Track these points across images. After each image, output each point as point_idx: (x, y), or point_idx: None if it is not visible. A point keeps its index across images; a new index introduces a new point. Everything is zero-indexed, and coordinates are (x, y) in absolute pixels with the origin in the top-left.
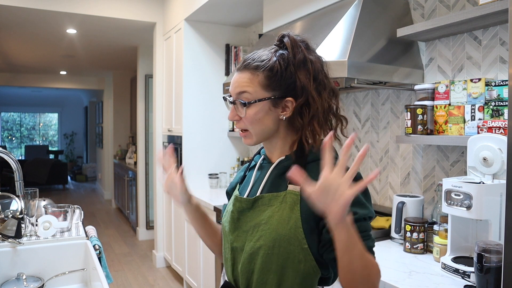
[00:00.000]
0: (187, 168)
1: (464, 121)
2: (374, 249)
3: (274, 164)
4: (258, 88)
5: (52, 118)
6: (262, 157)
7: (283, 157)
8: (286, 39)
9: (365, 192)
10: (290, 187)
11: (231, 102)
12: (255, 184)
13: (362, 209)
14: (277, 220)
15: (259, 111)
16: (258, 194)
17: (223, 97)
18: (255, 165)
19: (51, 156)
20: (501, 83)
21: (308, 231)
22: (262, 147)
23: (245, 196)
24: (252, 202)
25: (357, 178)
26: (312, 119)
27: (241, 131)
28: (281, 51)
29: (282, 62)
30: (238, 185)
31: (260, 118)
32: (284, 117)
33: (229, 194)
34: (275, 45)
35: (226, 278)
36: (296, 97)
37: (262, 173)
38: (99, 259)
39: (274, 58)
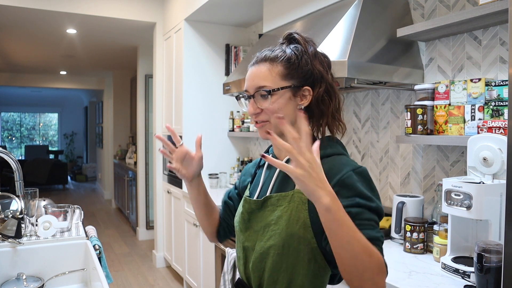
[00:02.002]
0: None
1: (464, 121)
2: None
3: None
4: (278, 79)
5: (52, 118)
6: (270, 155)
7: None
8: (297, 35)
9: (371, 187)
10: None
11: (249, 97)
12: (264, 185)
13: (364, 199)
14: (286, 220)
15: (281, 100)
16: (267, 194)
17: (236, 97)
18: (264, 164)
19: (51, 156)
20: (501, 83)
21: (317, 230)
22: (270, 146)
23: (255, 197)
24: (261, 203)
25: (360, 170)
26: (335, 111)
27: (257, 122)
28: (293, 45)
29: (297, 52)
30: (249, 185)
31: (281, 107)
32: (303, 107)
33: (239, 194)
34: (281, 43)
35: (238, 275)
36: (313, 86)
37: (270, 173)
38: (99, 259)
39: (289, 50)
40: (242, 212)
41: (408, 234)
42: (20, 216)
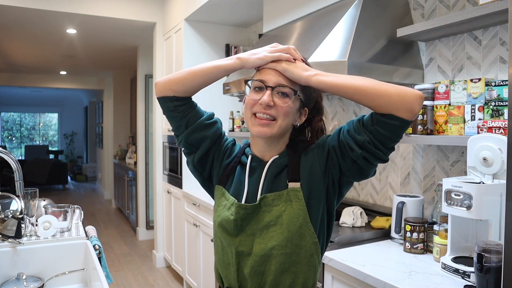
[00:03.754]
0: (187, 168)
1: (464, 121)
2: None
3: (268, 163)
4: (298, 88)
5: (52, 118)
6: (250, 157)
7: (277, 156)
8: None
9: None
10: (291, 184)
11: (266, 87)
12: (250, 189)
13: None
14: (286, 219)
15: (294, 106)
16: (258, 196)
17: (245, 80)
18: (242, 163)
19: (51, 156)
20: (501, 83)
21: (316, 223)
22: (247, 146)
23: (243, 202)
24: (256, 206)
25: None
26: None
27: (261, 118)
28: None
29: None
30: (224, 188)
31: (291, 113)
32: (298, 124)
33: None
34: None
35: (226, 284)
36: (312, 113)
37: (254, 178)
38: (99, 259)
39: None
40: (235, 219)
41: (408, 234)
42: (20, 216)
